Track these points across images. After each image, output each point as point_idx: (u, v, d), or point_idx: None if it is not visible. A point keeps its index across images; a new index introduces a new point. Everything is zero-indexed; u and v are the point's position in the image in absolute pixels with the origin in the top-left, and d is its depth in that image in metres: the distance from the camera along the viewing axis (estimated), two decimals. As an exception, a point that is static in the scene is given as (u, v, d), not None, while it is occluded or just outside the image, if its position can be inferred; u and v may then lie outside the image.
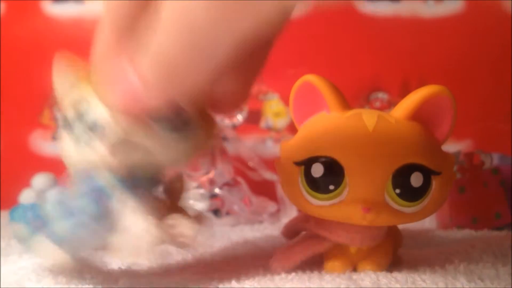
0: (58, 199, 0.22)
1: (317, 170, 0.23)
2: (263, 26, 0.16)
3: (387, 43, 0.61)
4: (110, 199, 0.21)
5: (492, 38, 0.60)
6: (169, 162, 0.22)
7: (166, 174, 0.24)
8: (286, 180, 0.24)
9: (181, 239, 0.22)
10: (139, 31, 0.18)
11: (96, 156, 0.20)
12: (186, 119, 0.21)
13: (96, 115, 0.20)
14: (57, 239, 0.21)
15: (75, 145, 0.21)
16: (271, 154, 0.59)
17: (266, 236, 0.37)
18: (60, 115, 0.22)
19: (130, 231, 0.21)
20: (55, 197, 0.22)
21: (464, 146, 0.59)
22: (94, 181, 0.21)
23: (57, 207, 0.22)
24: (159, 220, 0.21)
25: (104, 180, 0.21)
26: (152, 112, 0.19)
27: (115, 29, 0.19)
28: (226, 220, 0.46)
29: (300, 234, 0.27)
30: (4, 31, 0.62)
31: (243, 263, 0.26)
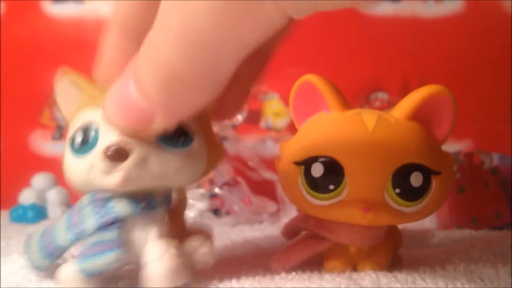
0: (77, 233, 0.21)
1: (317, 170, 0.23)
2: (267, 34, 0.16)
3: (387, 43, 0.61)
4: (132, 227, 0.21)
5: (492, 38, 0.60)
6: (181, 182, 0.22)
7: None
8: (286, 180, 0.24)
9: (203, 259, 0.22)
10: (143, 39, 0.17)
11: (108, 181, 0.20)
12: (192, 135, 0.21)
13: (106, 139, 0.20)
14: (88, 274, 0.21)
15: (85, 169, 0.20)
16: (271, 154, 0.59)
17: (266, 236, 0.37)
18: (67, 139, 0.21)
19: (158, 259, 0.20)
20: (74, 232, 0.22)
21: (464, 146, 0.59)
22: (111, 210, 0.21)
23: (82, 245, 0.21)
24: (180, 242, 0.21)
25: (121, 207, 0.21)
26: (159, 132, 0.19)
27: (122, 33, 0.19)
28: (226, 220, 0.46)
29: (300, 234, 0.27)
30: (4, 31, 0.62)
31: (243, 263, 0.26)
